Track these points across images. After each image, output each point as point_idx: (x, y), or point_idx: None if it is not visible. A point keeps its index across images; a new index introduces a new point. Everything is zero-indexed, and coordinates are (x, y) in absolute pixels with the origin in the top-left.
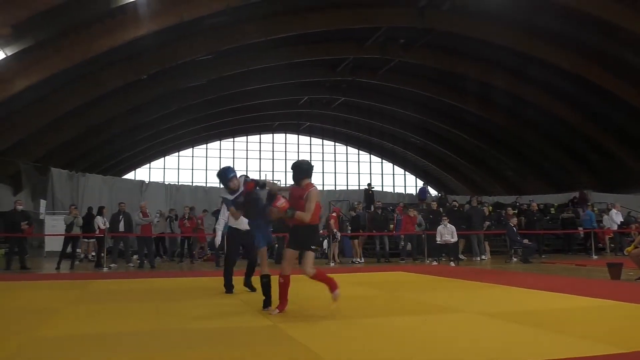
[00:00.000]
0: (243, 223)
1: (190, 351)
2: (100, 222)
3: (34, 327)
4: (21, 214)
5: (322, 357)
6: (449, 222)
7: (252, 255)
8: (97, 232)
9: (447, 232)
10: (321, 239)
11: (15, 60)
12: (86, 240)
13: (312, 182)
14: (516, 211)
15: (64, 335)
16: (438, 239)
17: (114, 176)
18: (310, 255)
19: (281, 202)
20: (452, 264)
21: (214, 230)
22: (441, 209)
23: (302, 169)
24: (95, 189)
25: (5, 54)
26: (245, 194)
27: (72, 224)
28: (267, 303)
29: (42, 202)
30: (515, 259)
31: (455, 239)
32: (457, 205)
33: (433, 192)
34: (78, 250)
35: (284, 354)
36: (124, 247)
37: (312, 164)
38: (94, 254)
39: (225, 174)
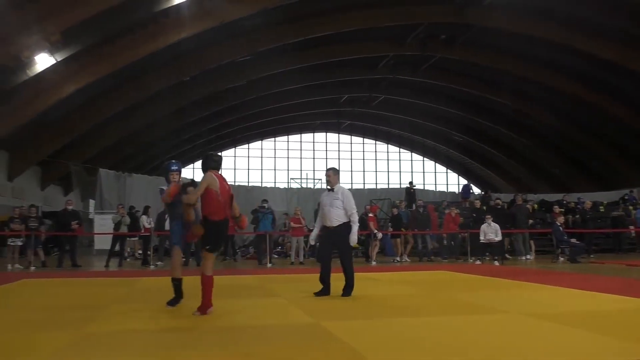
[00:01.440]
0: (329, 220)
1: (234, 347)
2: (145, 221)
3: (84, 323)
4: (72, 213)
5: (364, 355)
6: (492, 221)
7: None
8: (143, 230)
9: (490, 231)
10: (361, 238)
11: (64, 65)
12: (133, 238)
13: (219, 172)
14: (563, 209)
15: (111, 331)
16: (481, 237)
17: (159, 176)
18: (206, 256)
19: (168, 188)
20: (496, 263)
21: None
22: (484, 207)
23: (203, 162)
24: (141, 189)
25: (56, 59)
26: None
27: (120, 223)
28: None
29: (91, 202)
30: (562, 259)
31: (499, 237)
32: (500, 203)
33: (476, 190)
34: (127, 248)
35: (326, 351)
36: (170, 246)
37: (218, 158)
38: (140, 252)
39: (168, 166)
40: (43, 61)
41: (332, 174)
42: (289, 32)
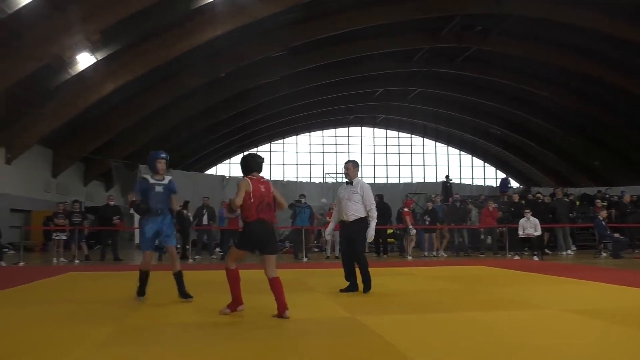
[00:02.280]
0: (345, 215)
1: (272, 341)
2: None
3: (125, 316)
4: (113, 208)
5: (399, 349)
6: (532, 215)
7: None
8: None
9: (529, 225)
10: (397, 232)
11: (103, 64)
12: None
13: (258, 174)
14: (605, 203)
15: (152, 324)
16: (520, 232)
17: (196, 172)
18: (230, 250)
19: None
20: (536, 258)
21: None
22: (523, 201)
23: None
24: (179, 184)
25: (96, 58)
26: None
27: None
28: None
29: None
30: (604, 254)
31: (538, 232)
32: (540, 197)
33: (514, 184)
34: None
35: (363, 345)
36: (208, 240)
37: (261, 160)
38: (178, 246)
39: (156, 154)
40: (84, 60)
41: (352, 167)
42: (323, 27)
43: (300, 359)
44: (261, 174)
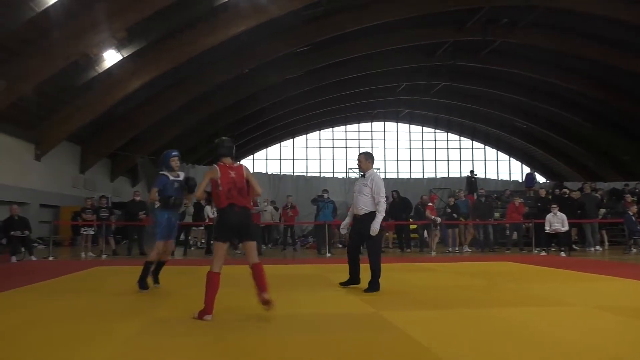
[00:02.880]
0: (356, 208)
1: (298, 335)
2: (209, 211)
3: (153, 309)
4: (139, 204)
5: (425, 345)
6: (559, 210)
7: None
8: (207, 220)
9: (556, 221)
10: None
11: (129, 61)
12: (199, 228)
13: (229, 159)
14: (635, 198)
15: (180, 317)
16: (547, 227)
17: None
18: (214, 248)
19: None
20: (563, 254)
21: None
22: (550, 197)
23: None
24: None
25: (122, 55)
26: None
27: (184, 212)
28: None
29: None
30: (634, 250)
31: (565, 227)
32: (567, 192)
33: (540, 178)
34: (190, 237)
35: (387, 341)
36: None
37: (229, 143)
38: (203, 241)
39: (168, 153)
40: (110, 58)
41: (363, 159)
42: (346, 21)
43: (325, 354)
44: (233, 160)
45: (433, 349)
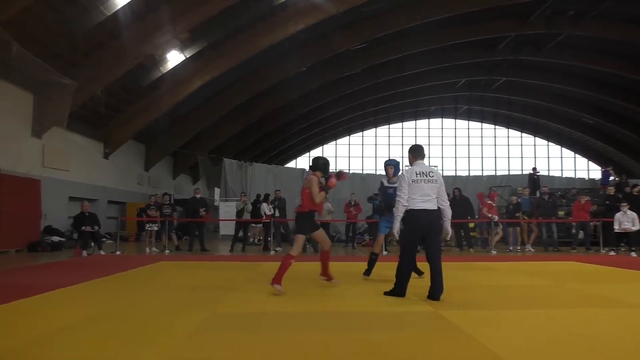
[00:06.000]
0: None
1: (355, 334)
2: (266, 208)
3: (215, 304)
4: (200, 201)
5: (485, 345)
6: (629, 209)
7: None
8: (264, 217)
9: (626, 220)
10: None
11: (192, 61)
12: (257, 225)
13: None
14: None
15: (241, 312)
16: (616, 227)
17: (277, 165)
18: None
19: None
20: (633, 254)
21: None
22: (619, 195)
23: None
24: (261, 177)
25: (185, 56)
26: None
27: (243, 210)
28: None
29: (217, 190)
30: None
31: (636, 226)
32: (638, 189)
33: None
34: (249, 234)
35: (447, 341)
36: (285, 232)
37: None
38: (260, 238)
39: (388, 161)
40: (174, 58)
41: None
42: (405, 17)
43: (384, 354)
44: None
45: (495, 350)
